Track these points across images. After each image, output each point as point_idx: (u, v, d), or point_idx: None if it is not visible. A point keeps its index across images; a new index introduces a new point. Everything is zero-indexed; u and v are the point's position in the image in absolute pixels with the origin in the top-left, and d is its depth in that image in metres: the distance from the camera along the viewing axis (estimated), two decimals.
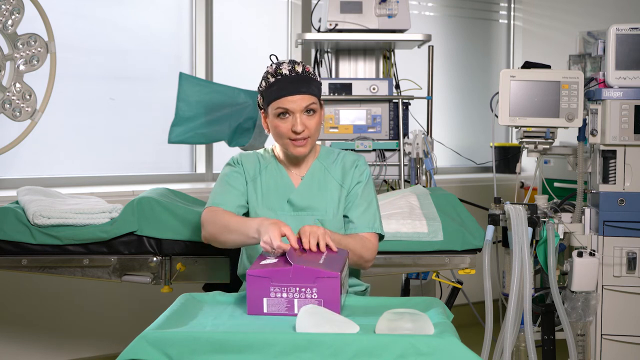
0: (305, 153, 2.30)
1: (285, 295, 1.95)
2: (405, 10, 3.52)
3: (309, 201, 2.33)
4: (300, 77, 2.24)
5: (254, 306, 1.96)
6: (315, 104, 2.26)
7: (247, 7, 4.26)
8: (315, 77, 2.29)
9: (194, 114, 3.35)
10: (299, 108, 2.24)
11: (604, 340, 3.00)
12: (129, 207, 2.68)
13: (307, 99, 2.24)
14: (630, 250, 2.98)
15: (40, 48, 2.89)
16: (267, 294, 1.95)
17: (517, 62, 5.16)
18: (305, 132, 2.25)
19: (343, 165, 2.37)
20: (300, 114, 2.24)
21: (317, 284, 1.93)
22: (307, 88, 2.24)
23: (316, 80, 2.29)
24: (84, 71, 3.75)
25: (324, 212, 2.32)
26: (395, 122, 3.52)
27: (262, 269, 1.96)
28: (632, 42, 2.94)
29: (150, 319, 1.92)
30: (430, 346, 1.68)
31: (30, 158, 3.60)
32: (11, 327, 3.45)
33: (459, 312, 2.52)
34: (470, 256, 2.77)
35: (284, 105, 2.23)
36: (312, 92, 2.26)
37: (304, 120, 2.25)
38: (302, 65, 2.29)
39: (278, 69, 2.26)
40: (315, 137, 2.31)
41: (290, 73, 2.24)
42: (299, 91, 2.23)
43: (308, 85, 2.25)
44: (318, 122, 2.28)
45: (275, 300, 1.95)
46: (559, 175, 4.06)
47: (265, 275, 1.94)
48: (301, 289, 1.94)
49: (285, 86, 2.23)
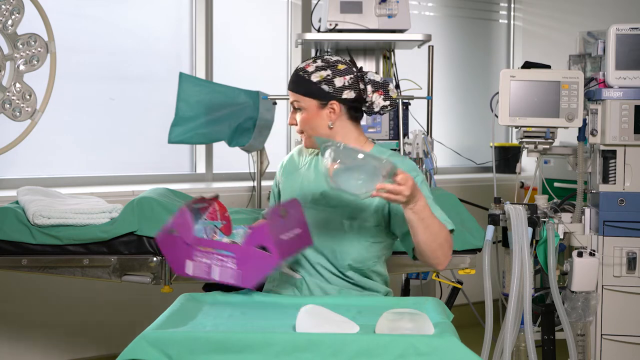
0: (308, 146, 2.39)
1: (207, 261, 2.05)
2: (405, 10, 3.51)
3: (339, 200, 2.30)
4: (295, 74, 2.35)
5: (179, 266, 2.10)
6: (299, 102, 2.33)
7: (247, 7, 4.26)
8: (308, 75, 2.30)
9: (194, 114, 3.35)
10: (290, 103, 2.38)
11: (604, 340, 3.00)
12: (129, 207, 2.68)
13: (292, 96, 2.35)
14: (630, 250, 2.98)
15: (40, 48, 2.89)
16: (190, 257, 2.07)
17: (517, 62, 5.16)
18: (296, 126, 2.37)
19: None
20: (293, 109, 2.37)
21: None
22: (294, 86, 2.33)
23: (307, 80, 2.30)
24: (84, 71, 3.75)
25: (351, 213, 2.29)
26: (395, 122, 3.52)
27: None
28: (632, 42, 2.94)
29: (150, 319, 1.92)
30: (430, 346, 1.68)
31: (30, 158, 3.60)
32: (11, 327, 3.45)
33: (459, 312, 2.52)
34: (470, 256, 2.77)
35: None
36: (298, 90, 2.32)
37: (294, 115, 2.37)
38: (309, 62, 2.34)
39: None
40: (313, 133, 2.33)
41: (295, 69, 2.37)
42: (289, 88, 2.36)
43: (296, 83, 2.33)
44: (305, 119, 2.32)
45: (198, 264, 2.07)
46: (559, 175, 4.05)
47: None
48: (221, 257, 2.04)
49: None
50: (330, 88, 2.29)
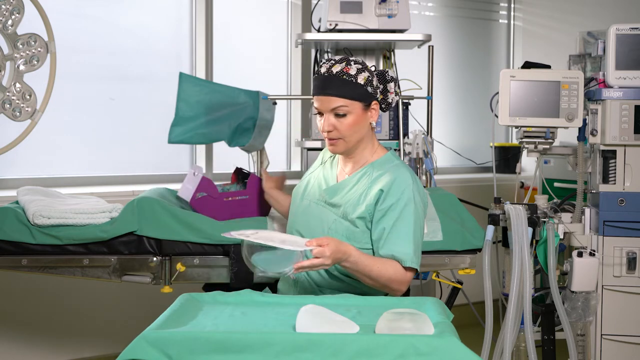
0: (339, 152, 2.32)
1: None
2: (405, 10, 3.51)
3: (337, 199, 2.33)
4: (332, 78, 2.24)
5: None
6: (346, 106, 2.24)
7: (247, 7, 4.26)
8: (353, 78, 2.24)
9: (194, 114, 3.34)
10: (326, 109, 2.26)
11: (604, 340, 3.00)
12: (129, 207, 2.68)
13: (334, 101, 2.24)
14: (630, 250, 2.98)
15: (40, 48, 2.88)
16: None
17: (517, 62, 5.16)
18: (334, 132, 2.27)
19: (379, 179, 2.30)
20: (329, 114, 2.26)
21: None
22: (336, 90, 2.23)
23: (352, 82, 2.24)
24: (84, 71, 3.75)
25: (342, 214, 2.30)
26: (395, 122, 3.52)
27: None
28: (632, 42, 2.94)
29: (150, 319, 1.92)
30: (430, 346, 1.68)
31: (30, 158, 3.60)
32: (11, 327, 3.45)
33: (459, 312, 2.52)
34: (470, 256, 2.77)
35: (315, 104, 2.29)
36: (342, 94, 2.23)
37: (333, 121, 2.26)
38: (345, 65, 2.25)
39: (320, 67, 2.28)
40: (354, 138, 2.29)
41: (325, 72, 2.25)
42: (325, 92, 2.25)
43: (338, 86, 2.23)
44: (352, 124, 2.26)
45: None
46: (559, 175, 4.05)
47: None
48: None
49: (316, 85, 2.28)
50: (372, 89, 2.28)
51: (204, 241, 2.68)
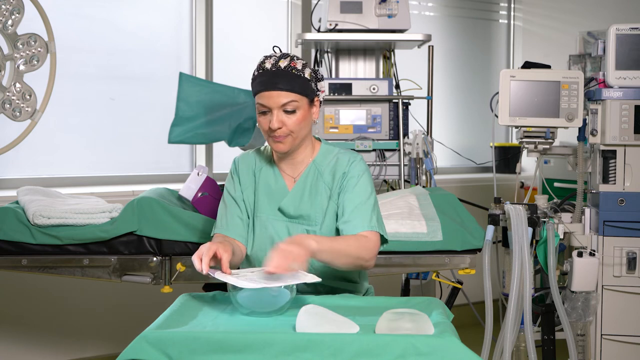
0: (286, 150, 2.22)
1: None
2: (405, 10, 3.52)
3: (299, 210, 2.26)
4: (280, 73, 2.16)
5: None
6: (296, 101, 2.16)
7: (247, 7, 4.26)
8: (301, 73, 2.18)
9: (194, 114, 3.35)
10: (276, 105, 2.16)
11: (604, 340, 3.00)
12: (129, 207, 2.68)
13: (285, 96, 2.15)
14: (630, 250, 2.98)
15: (40, 48, 2.89)
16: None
17: (517, 62, 5.16)
18: (283, 129, 2.18)
19: (335, 168, 2.27)
20: (278, 110, 2.16)
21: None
22: (287, 84, 2.15)
23: (301, 77, 2.17)
24: (84, 71, 3.74)
25: (314, 222, 2.26)
26: (395, 122, 3.52)
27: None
28: (632, 42, 2.94)
29: (150, 319, 1.92)
30: (430, 346, 1.68)
31: (30, 158, 3.60)
32: (11, 327, 3.45)
33: (459, 312, 2.52)
34: (470, 256, 2.77)
35: (261, 101, 2.17)
36: (293, 89, 2.15)
37: (282, 117, 2.17)
38: (290, 60, 2.18)
39: (263, 63, 2.18)
40: (301, 134, 2.21)
41: (272, 68, 2.16)
42: (275, 87, 2.15)
43: (288, 81, 2.15)
44: (300, 119, 2.18)
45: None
46: (559, 175, 4.06)
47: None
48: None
49: (263, 81, 2.16)
50: (314, 85, 2.23)
51: (204, 241, 2.68)
